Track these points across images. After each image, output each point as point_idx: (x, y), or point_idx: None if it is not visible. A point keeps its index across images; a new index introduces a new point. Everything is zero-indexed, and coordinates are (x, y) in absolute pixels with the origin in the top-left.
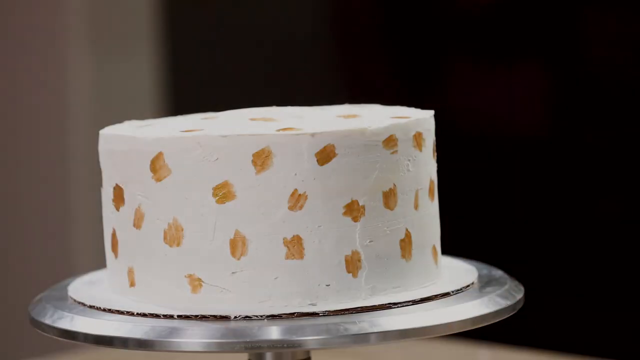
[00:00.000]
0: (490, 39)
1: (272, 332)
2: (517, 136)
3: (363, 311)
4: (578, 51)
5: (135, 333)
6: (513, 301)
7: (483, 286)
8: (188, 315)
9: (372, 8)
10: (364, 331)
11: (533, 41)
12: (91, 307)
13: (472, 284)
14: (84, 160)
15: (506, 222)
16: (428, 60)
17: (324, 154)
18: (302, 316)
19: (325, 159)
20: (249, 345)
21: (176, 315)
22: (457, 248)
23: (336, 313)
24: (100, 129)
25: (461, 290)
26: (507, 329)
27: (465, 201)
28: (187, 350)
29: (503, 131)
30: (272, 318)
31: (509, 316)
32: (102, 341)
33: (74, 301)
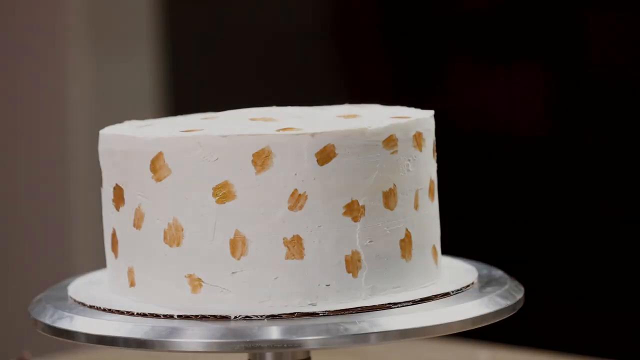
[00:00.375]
0: (490, 39)
1: (272, 332)
2: (517, 136)
3: (363, 311)
4: (578, 51)
5: (135, 333)
6: (513, 301)
7: (483, 286)
8: (188, 315)
9: (372, 8)
10: (364, 331)
11: (533, 41)
12: (91, 307)
13: (472, 284)
14: (84, 160)
15: (506, 222)
16: (428, 60)
17: (324, 154)
18: (302, 316)
19: (325, 159)
20: (249, 345)
21: (176, 315)
22: (457, 248)
23: (336, 313)
24: (100, 129)
25: (461, 290)
26: (507, 329)
27: (465, 201)
28: (187, 350)
29: (503, 131)
30: (272, 318)
31: (509, 316)
32: (102, 341)
33: (74, 301)
